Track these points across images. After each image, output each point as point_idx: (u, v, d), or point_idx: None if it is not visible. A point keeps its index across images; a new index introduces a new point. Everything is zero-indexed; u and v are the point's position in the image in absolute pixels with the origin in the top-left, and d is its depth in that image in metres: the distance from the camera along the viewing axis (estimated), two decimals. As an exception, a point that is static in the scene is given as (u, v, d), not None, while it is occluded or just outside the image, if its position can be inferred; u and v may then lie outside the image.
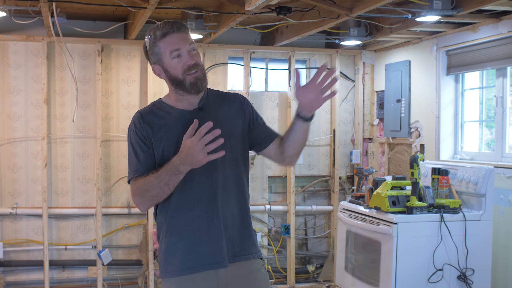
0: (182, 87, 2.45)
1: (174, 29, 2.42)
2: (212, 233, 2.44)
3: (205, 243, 2.44)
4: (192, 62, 2.43)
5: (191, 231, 2.45)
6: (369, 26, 5.11)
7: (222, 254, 2.44)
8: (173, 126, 2.46)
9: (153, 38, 2.44)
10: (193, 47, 2.46)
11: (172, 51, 2.41)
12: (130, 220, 5.59)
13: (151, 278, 5.45)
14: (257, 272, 2.55)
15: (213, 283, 2.46)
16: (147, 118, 2.50)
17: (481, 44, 4.62)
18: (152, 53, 2.47)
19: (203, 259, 2.44)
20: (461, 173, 4.38)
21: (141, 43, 5.42)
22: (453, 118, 5.04)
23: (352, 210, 4.64)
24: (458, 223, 4.15)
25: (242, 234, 2.52)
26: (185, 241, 2.45)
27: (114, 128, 5.51)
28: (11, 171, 5.31)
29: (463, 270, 4.16)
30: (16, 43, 5.28)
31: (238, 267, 2.48)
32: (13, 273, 5.37)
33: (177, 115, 2.49)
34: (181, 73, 2.43)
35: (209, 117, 2.42)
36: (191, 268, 2.45)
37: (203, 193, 2.44)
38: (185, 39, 2.44)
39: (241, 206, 2.52)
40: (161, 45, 2.42)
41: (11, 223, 5.33)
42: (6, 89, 5.27)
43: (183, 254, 2.46)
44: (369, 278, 4.37)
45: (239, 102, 2.59)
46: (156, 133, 2.47)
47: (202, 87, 2.47)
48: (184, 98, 2.50)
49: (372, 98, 6.07)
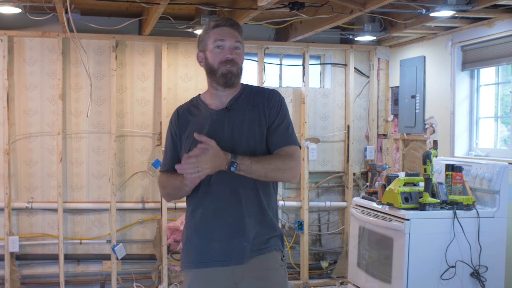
0: (213, 76, 2.52)
1: (227, 24, 2.53)
2: (228, 230, 2.47)
3: (220, 239, 2.47)
4: (230, 57, 2.49)
5: (207, 227, 2.49)
6: (384, 22, 5.08)
7: (237, 251, 2.46)
8: (200, 125, 2.53)
9: (206, 27, 2.55)
10: (238, 46, 2.52)
11: (216, 41, 2.50)
12: (144, 215, 5.62)
13: (165, 272, 5.47)
14: (274, 271, 2.54)
15: (228, 279, 2.49)
16: (181, 115, 2.61)
17: (496, 40, 4.57)
18: (201, 41, 2.56)
19: (217, 255, 2.47)
20: (475, 170, 4.35)
21: (155, 39, 5.45)
22: (468, 114, 4.99)
23: (364, 206, 4.63)
24: (471, 220, 4.12)
25: (261, 232, 2.52)
26: (201, 236, 2.50)
27: (129, 124, 5.54)
28: (27, 166, 5.36)
29: (476, 267, 4.13)
30: (32, 39, 5.32)
31: (255, 265, 2.49)
32: (29, 266, 5.42)
33: (206, 114, 2.56)
34: (217, 63, 2.50)
35: (233, 117, 2.51)
36: (204, 262, 2.49)
37: (222, 191, 2.47)
38: (233, 36, 2.52)
39: (262, 204, 2.52)
40: (211, 34, 2.52)
41: (27, 217, 5.39)
42: (22, 84, 5.32)
43: (198, 248, 2.51)
44: (382, 274, 4.35)
45: (264, 100, 2.57)
46: (185, 131, 2.56)
47: (231, 82, 2.51)
48: (217, 94, 2.56)
49: (387, 94, 6.04)
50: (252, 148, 2.48)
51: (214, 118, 2.52)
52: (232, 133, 2.49)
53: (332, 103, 6.01)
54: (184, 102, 2.70)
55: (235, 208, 2.47)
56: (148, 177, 5.60)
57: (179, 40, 5.53)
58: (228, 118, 2.51)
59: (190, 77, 5.65)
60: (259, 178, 2.41)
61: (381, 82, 6.06)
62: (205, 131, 2.46)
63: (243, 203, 2.48)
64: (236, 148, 2.44)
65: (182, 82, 5.63)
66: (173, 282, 5.57)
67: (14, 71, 5.29)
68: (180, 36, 5.49)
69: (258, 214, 2.51)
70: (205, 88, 5.55)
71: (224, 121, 2.50)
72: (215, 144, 2.34)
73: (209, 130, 2.49)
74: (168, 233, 5.47)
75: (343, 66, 6.02)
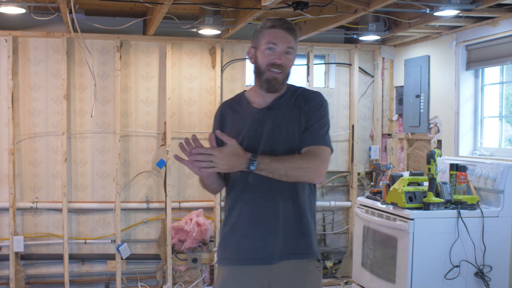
0: (259, 78, 2.53)
1: (283, 27, 2.50)
2: (263, 229, 2.47)
3: (255, 238, 2.49)
4: (279, 61, 2.49)
5: (243, 225, 2.50)
6: (388, 21, 5.08)
7: (272, 251, 2.48)
8: (241, 122, 2.56)
9: (263, 25, 2.54)
10: (290, 52, 2.51)
11: (269, 42, 2.48)
12: (148, 215, 5.63)
13: (170, 272, 5.48)
14: (310, 273, 2.55)
15: (262, 278, 2.50)
16: (224, 111, 2.64)
17: (501, 39, 4.55)
18: (255, 37, 2.56)
19: (252, 253, 2.49)
20: (479, 169, 4.34)
21: (160, 39, 5.45)
22: (473, 114, 4.98)
23: (369, 206, 4.62)
24: (475, 220, 4.12)
25: (297, 233, 2.52)
26: (237, 234, 2.52)
27: (133, 124, 5.55)
28: (32, 166, 5.37)
29: (481, 267, 4.12)
30: (37, 39, 5.33)
31: (290, 265, 2.51)
32: (34, 266, 5.44)
33: (248, 112, 2.58)
34: (265, 65, 2.50)
35: (274, 117, 2.52)
36: (240, 260, 2.51)
37: (259, 190, 2.47)
38: (287, 40, 2.50)
39: (298, 205, 2.51)
40: (265, 33, 2.51)
41: (32, 217, 5.40)
42: (27, 84, 5.33)
43: (234, 246, 2.53)
44: (387, 274, 4.35)
45: (305, 102, 2.56)
46: (227, 126, 2.58)
47: (275, 89, 2.52)
48: (260, 94, 2.57)
49: (391, 94, 6.03)
50: (291, 148, 2.49)
51: (255, 116, 2.54)
52: (272, 132, 2.50)
53: (336, 102, 6.00)
54: (229, 98, 2.73)
55: (271, 208, 2.48)
56: (152, 177, 5.60)
57: (184, 40, 5.53)
58: (269, 117, 2.52)
59: (195, 77, 5.65)
60: (281, 177, 2.38)
61: (385, 82, 6.05)
62: (245, 129, 2.50)
63: (279, 203, 2.48)
64: (276, 148, 2.47)
65: (186, 82, 5.64)
66: (178, 282, 5.57)
67: (18, 71, 5.31)
68: (185, 36, 5.49)
69: (294, 215, 2.51)
70: (210, 88, 5.56)
71: (265, 120, 2.52)
72: (235, 143, 2.35)
73: (250, 128, 2.51)
74: (173, 233, 5.47)
75: (347, 66, 6.01)
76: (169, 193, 5.50)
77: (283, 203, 2.48)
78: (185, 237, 5.45)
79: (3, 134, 5.27)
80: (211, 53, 5.66)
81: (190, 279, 5.60)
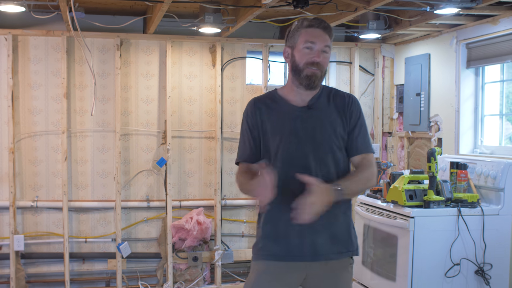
0: (297, 76, 2.56)
1: (320, 26, 2.56)
2: (305, 227, 2.48)
3: (296, 235, 2.53)
4: (317, 59, 2.53)
5: (284, 222, 2.52)
6: (388, 19, 5.07)
7: (311, 249, 2.53)
8: (281, 119, 2.59)
9: (299, 24, 2.58)
10: (326, 50, 2.56)
11: (307, 41, 2.53)
12: (149, 214, 5.63)
13: (170, 271, 5.48)
14: (343, 271, 2.63)
15: (298, 274, 2.57)
16: (259, 107, 2.65)
17: (501, 37, 4.55)
18: (291, 36, 2.60)
19: (291, 250, 2.54)
20: (480, 167, 4.33)
21: (160, 37, 5.45)
22: (473, 112, 4.98)
23: (369, 204, 4.62)
24: (476, 218, 4.11)
25: (339, 231, 2.59)
26: (277, 230, 2.56)
27: (133, 122, 5.54)
28: (32, 165, 5.37)
29: (481, 265, 4.12)
30: (36, 38, 5.33)
31: (326, 263, 2.57)
32: (34, 265, 5.43)
33: (287, 109, 2.61)
34: (303, 64, 2.54)
35: (315, 116, 2.57)
36: (278, 255, 2.56)
37: (302, 189, 2.46)
38: (324, 39, 2.55)
39: (339, 204, 2.53)
40: (302, 33, 2.56)
41: (32, 215, 5.40)
42: (27, 83, 5.33)
43: (274, 241, 2.57)
44: (387, 272, 4.35)
45: (345, 104, 2.64)
46: (265, 122, 2.60)
47: (314, 85, 2.56)
48: (298, 92, 2.61)
49: (392, 92, 6.03)
50: (332, 149, 2.56)
51: (296, 114, 2.58)
52: (314, 132, 2.56)
53: (336, 101, 5.98)
54: (259, 95, 2.74)
55: None
56: (153, 176, 5.60)
57: (184, 39, 5.53)
58: (311, 116, 2.57)
59: (195, 76, 5.65)
60: (358, 194, 2.57)
61: (386, 80, 6.05)
62: (288, 127, 2.55)
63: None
64: (319, 148, 2.53)
65: (187, 80, 5.63)
66: (178, 280, 5.57)
67: (18, 70, 5.30)
68: (185, 34, 5.49)
69: (334, 214, 2.55)
70: (210, 86, 5.55)
71: (307, 118, 2.57)
72: (320, 183, 2.37)
73: (294, 127, 2.56)
74: (173, 232, 5.47)
75: (348, 64, 6.01)
76: (169, 191, 5.50)
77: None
78: (186, 235, 5.45)
79: (3, 133, 5.27)
80: (212, 51, 5.66)
81: (190, 277, 5.60)
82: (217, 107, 5.60)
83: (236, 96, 5.75)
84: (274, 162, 2.54)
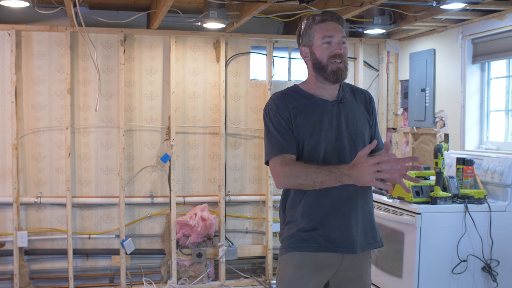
0: (323, 73, 2.56)
1: (333, 18, 2.56)
2: (341, 219, 2.53)
3: (333, 227, 2.53)
4: (339, 51, 2.54)
5: (321, 214, 2.53)
6: (393, 14, 5.04)
7: (347, 241, 2.54)
8: (313, 112, 2.57)
9: (310, 21, 2.58)
10: (344, 40, 2.57)
11: (324, 37, 2.54)
12: (153, 210, 5.61)
13: (174, 267, 5.47)
14: (366, 262, 2.69)
15: (333, 265, 2.57)
16: (288, 99, 2.61)
17: (507, 32, 4.52)
18: (305, 35, 2.60)
19: (328, 241, 2.53)
20: (486, 163, 4.31)
21: (164, 32, 5.42)
22: (479, 108, 4.96)
23: (375, 200, 4.59)
24: (483, 214, 4.09)
25: (369, 224, 2.64)
26: (314, 222, 2.55)
27: (137, 118, 5.52)
28: (36, 161, 5.35)
29: (488, 262, 4.10)
30: (40, 33, 5.30)
31: (358, 255, 2.61)
32: (38, 261, 5.42)
33: (317, 103, 2.60)
34: (326, 59, 2.54)
35: (347, 110, 2.60)
36: (314, 246, 2.55)
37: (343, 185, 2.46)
38: (339, 30, 2.56)
39: (369, 199, 2.64)
40: (317, 29, 2.56)
41: (36, 212, 5.38)
42: (30, 79, 5.31)
43: (310, 233, 2.55)
44: (393, 269, 4.33)
45: (366, 100, 2.71)
46: (295, 116, 2.57)
47: (341, 78, 2.57)
48: (324, 87, 2.61)
49: (396, 88, 6.01)
50: (363, 142, 2.61)
51: (328, 107, 2.58)
52: (347, 125, 2.58)
53: (341, 97, 5.97)
54: (282, 89, 2.71)
55: (352, 200, 2.55)
56: (156, 172, 5.58)
57: (188, 34, 5.50)
58: (342, 110, 2.59)
59: (199, 71, 5.62)
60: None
61: (390, 76, 6.03)
62: (324, 120, 2.55)
63: (358, 194, 2.56)
64: (354, 140, 2.57)
65: (190, 76, 5.61)
66: (182, 276, 5.56)
67: (22, 65, 5.28)
68: (189, 30, 5.47)
69: (366, 207, 2.62)
70: (214, 82, 5.52)
71: (340, 113, 2.58)
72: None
73: (327, 118, 2.56)
74: (177, 228, 5.46)
75: (352, 60, 5.98)
76: (173, 187, 5.48)
77: (360, 193, 2.58)
78: (190, 232, 5.43)
79: (7, 129, 5.25)
80: (216, 47, 5.63)
81: (194, 274, 5.58)
82: (221, 103, 5.57)
83: (240, 92, 5.73)
84: (312, 155, 2.52)
